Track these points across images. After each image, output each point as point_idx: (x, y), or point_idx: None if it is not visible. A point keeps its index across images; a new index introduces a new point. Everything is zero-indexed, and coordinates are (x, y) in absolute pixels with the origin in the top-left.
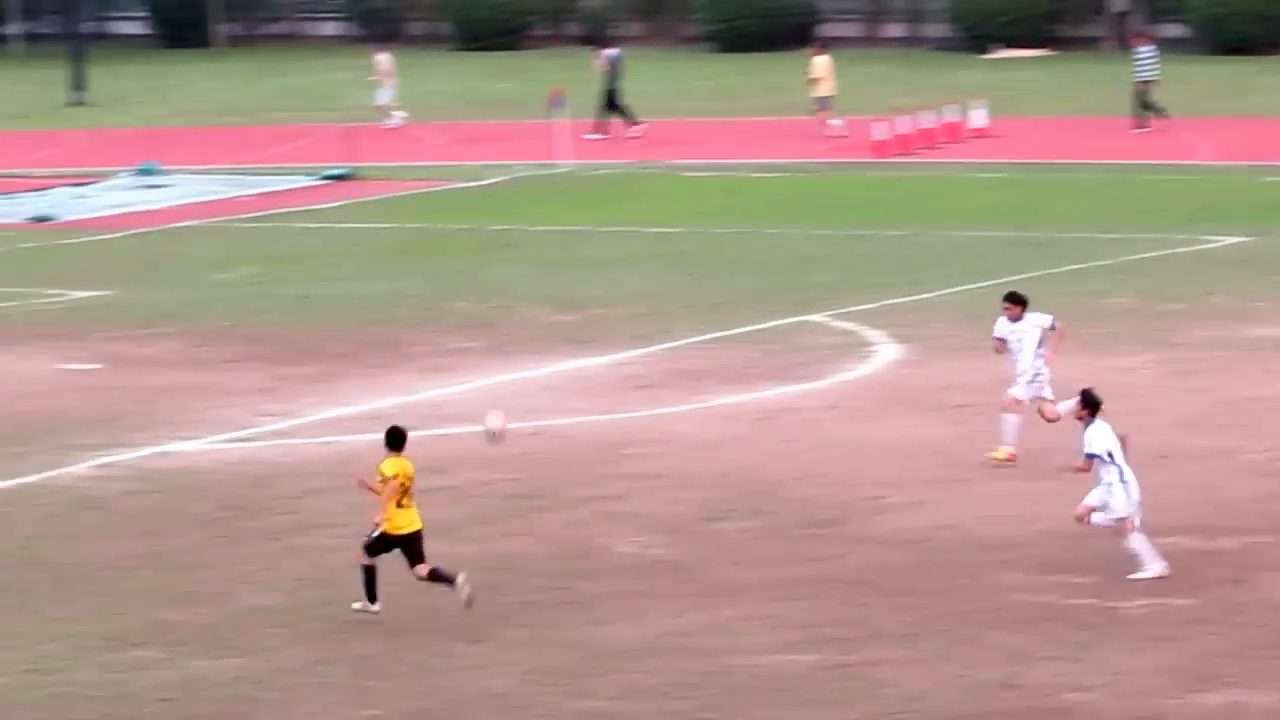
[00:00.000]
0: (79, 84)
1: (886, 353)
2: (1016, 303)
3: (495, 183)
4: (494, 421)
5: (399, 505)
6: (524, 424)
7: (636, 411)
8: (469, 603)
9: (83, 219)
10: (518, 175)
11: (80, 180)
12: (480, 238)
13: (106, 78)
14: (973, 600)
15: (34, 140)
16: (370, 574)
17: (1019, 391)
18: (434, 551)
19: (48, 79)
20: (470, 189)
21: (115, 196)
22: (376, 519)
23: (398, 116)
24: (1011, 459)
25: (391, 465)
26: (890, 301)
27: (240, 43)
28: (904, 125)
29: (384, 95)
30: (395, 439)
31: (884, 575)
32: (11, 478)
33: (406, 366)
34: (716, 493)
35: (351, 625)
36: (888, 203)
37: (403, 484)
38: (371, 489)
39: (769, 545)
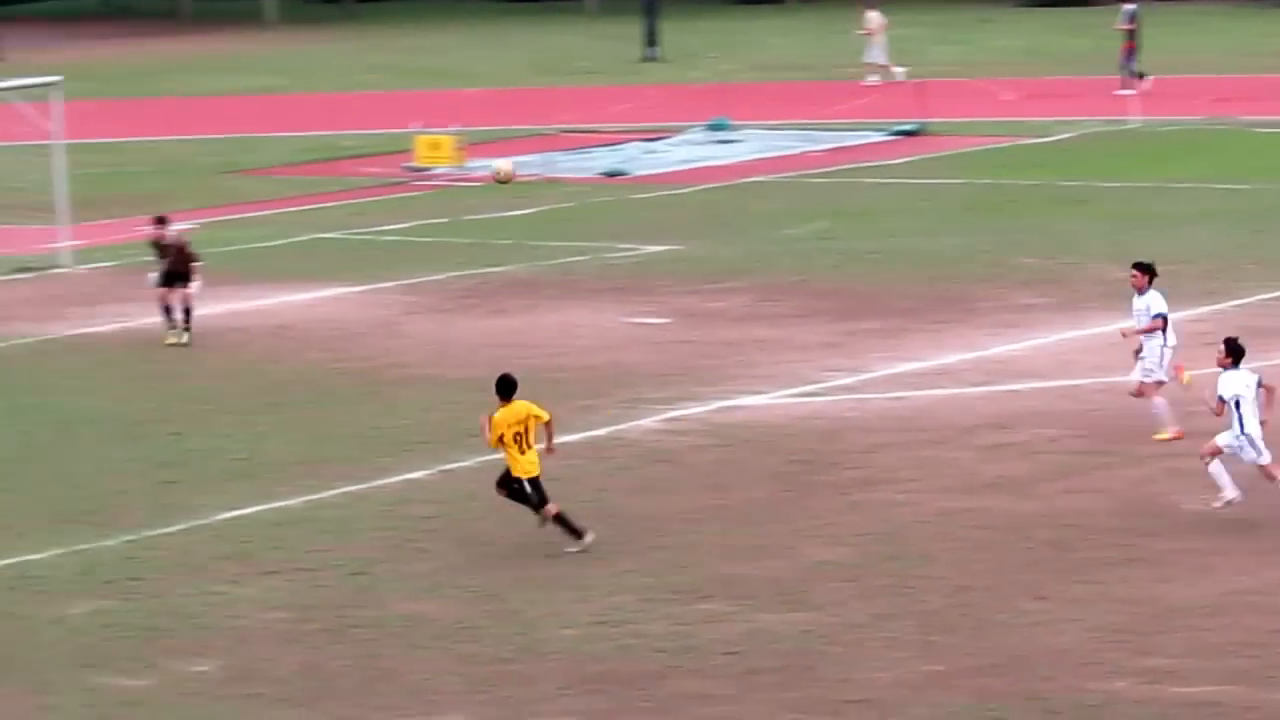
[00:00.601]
0: (652, 40)
1: None
2: (1144, 272)
3: (1064, 138)
4: (501, 164)
5: (521, 452)
6: (1092, 380)
7: (1204, 369)
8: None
9: (654, 174)
10: (1086, 131)
11: (652, 135)
12: (1049, 193)
13: (679, 33)
14: None
15: (608, 95)
16: (561, 519)
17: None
18: (1001, 508)
19: (622, 35)
20: (1039, 144)
21: (686, 151)
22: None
23: (897, 72)
24: (1179, 436)
25: (506, 415)
26: None
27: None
28: None
29: (873, 52)
30: (505, 386)
31: None
32: (581, 431)
33: (974, 322)
34: None
35: (917, 580)
36: None
37: (516, 430)
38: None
39: None
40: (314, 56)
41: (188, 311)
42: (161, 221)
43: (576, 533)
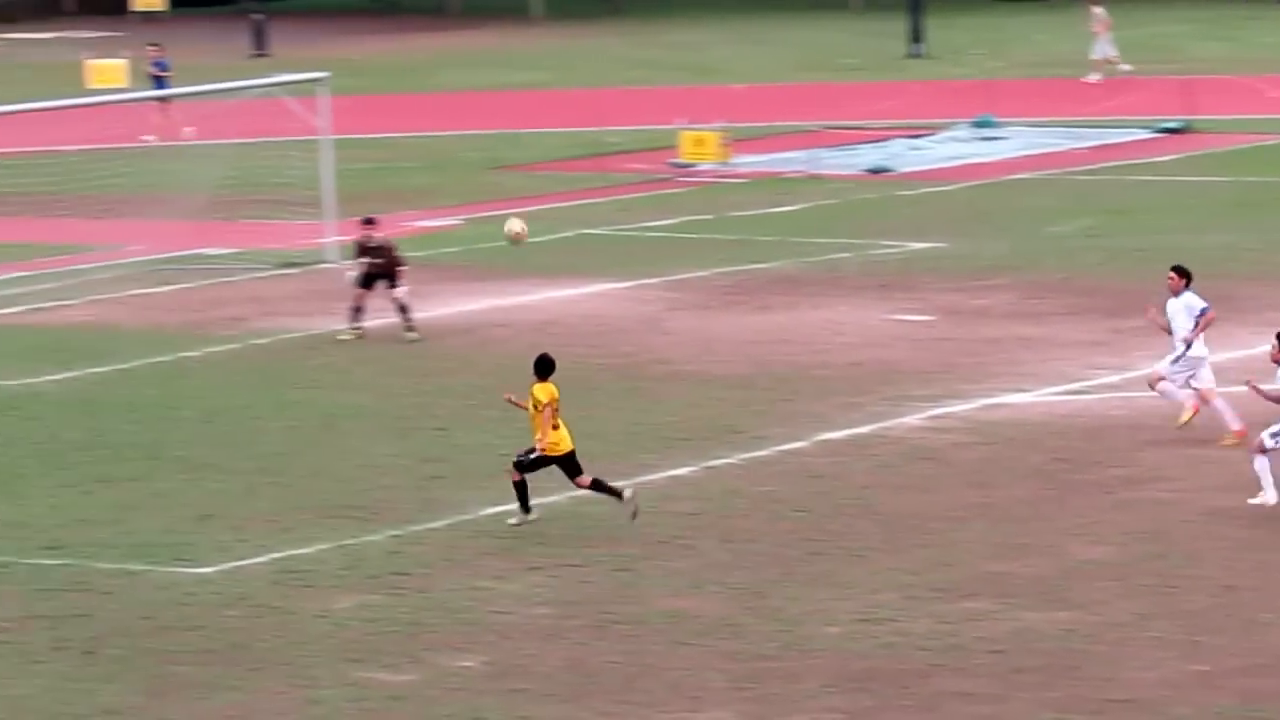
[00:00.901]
0: (917, 36)
1: None
2: (1180, 275)
3: None
4: (512, 224)
5: (554, 427)
6: None
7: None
8: (634, 515)
9: (919, 170)
10: None
11: (917, 132)
12: None
13: (943, 30)
14: None
15: (872, 92)
16: (521, 488)
17: (1162, 367)
18: (1269, 506)
19: (886, 31)
20: None
21: (951, 148)
22: (537, 444)
23: (1122, 69)
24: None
25: (544, 391)
26: None
27: None
28: None
29: (1101, 48)
30: (544, 366)
31: None
32: (846, 428)
33: (1240, 320)
34: None
35: (1182, 579)
36: None
37: (554, 408)
38: (518, 405)
39: None
40: (579, 52)
41: (404, 309)
42: (370, 223)
43: (614, 492)
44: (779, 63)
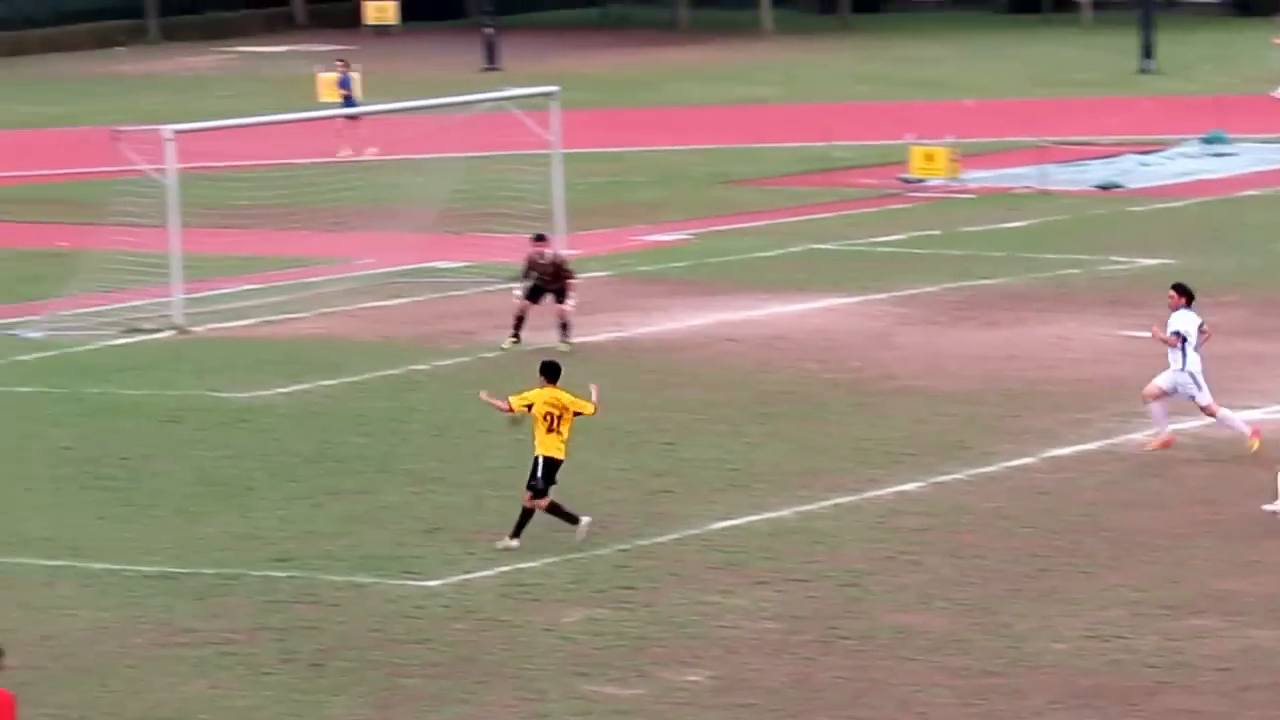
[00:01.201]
0: (1148, 51)
1: None
2: (1180, 293)
3: None
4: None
5: (548, 431)
6: None
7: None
8: (581, 540)
9: (1149, 186)
10: None
11: (1148, 148)
12: None
13: (1175, 45)
14: None
15: (1103, 107)
16: (529, 514)
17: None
18: None
19: (1117, 46)
20: None
21: (1182, 164)
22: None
23: None
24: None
25: (539, 396)
26: None
27: None
28: None
29: None
30: (549, 370)
31: None
32: (1074, 444)
33: None
34: None
35: None
36: None
37: (549, 413)
38: (496, 405)
39: None
40: (809, 66)
41: (565, 326)
42: (541, 240)
43: (571, 518)
44: (1010, 77)
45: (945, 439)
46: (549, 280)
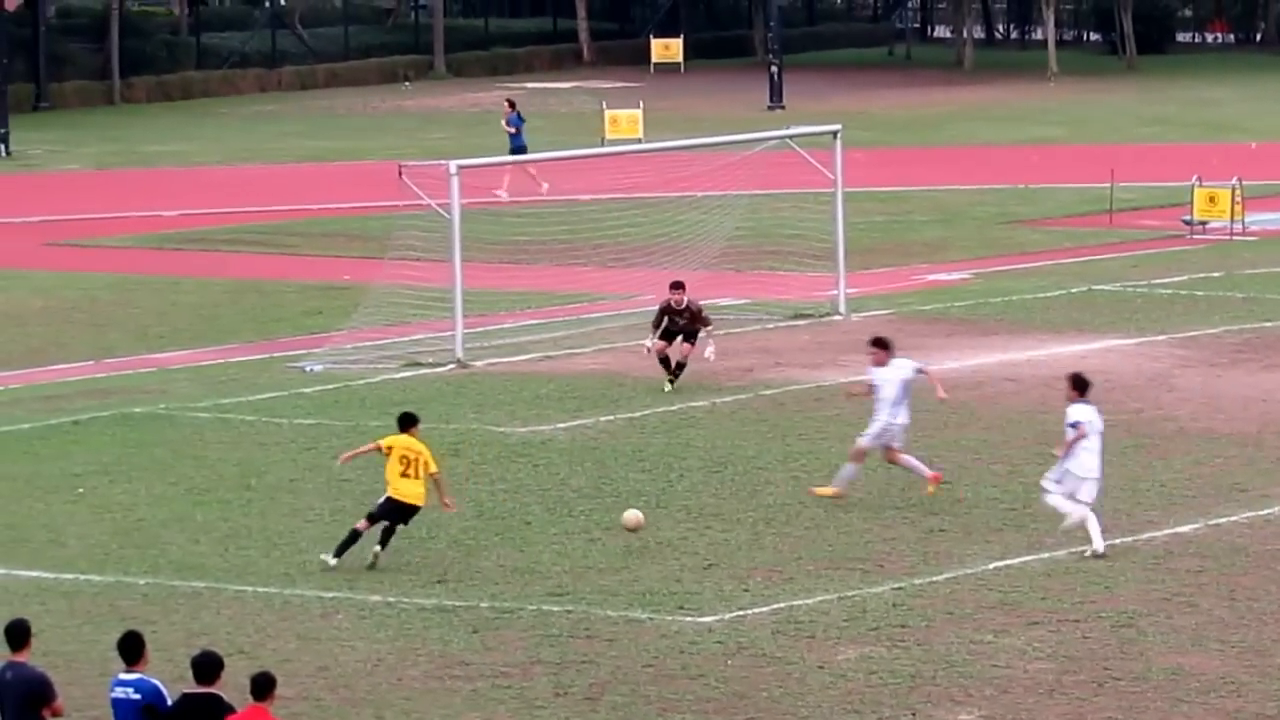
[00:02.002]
0: None
1: None
2: (880, 347)
3: None
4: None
5: (403, 475)
6: None
7: None
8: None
9: None
10: None
11: None
12: None
13: None
14: None
15: None
16: (355, 536)
17: (865, 441)
18: None
19: None
20: None
21: None
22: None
23: None
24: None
25: (397, 441)
26: None
27: None
28: None
29: None
30: (405, 421)
31: None
32: None
33: None
34: None
35: None
36: None
37: (405, 457)
38: (356, 454)
39: None
40: (1093, 107)
41: (681, 365)
42: (678, 287)
43: (342, 549)
44: None
45: (1222, 481)
46: (684, 323)
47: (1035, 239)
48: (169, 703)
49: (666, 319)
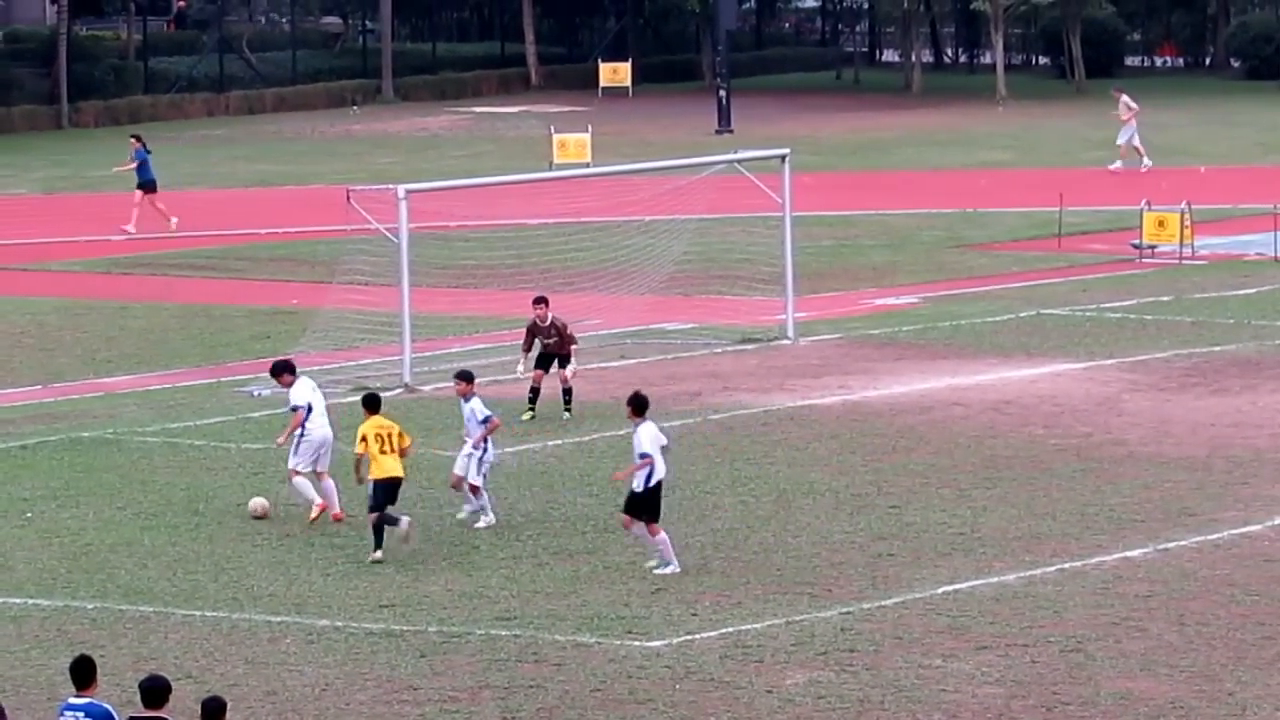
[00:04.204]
0: None
1: None
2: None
3: None
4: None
5: (381, 452)
6: None
7: None
8: (406, 538)
9: None
10: None
11: None
12: None
13: None
14: None
15: None
16: (379, 526)
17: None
18: None
19: None
20: None
21: None
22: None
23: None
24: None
25: (368, 426)
26: None
27: None
28: None
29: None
30: (370, 403)
31: None
32: None
33: None
34: None
35: None
36: None
37: (379, 435)
38: (358, 469)
39: None
40: (1041, 131)
41: (568, 393)
42: (542, 302)
43: (393, 520)
44: (1244, 144)
45: (1172, 505)
46: (553, 346)
47: (984, 263)
48: None
49: (537, 340)
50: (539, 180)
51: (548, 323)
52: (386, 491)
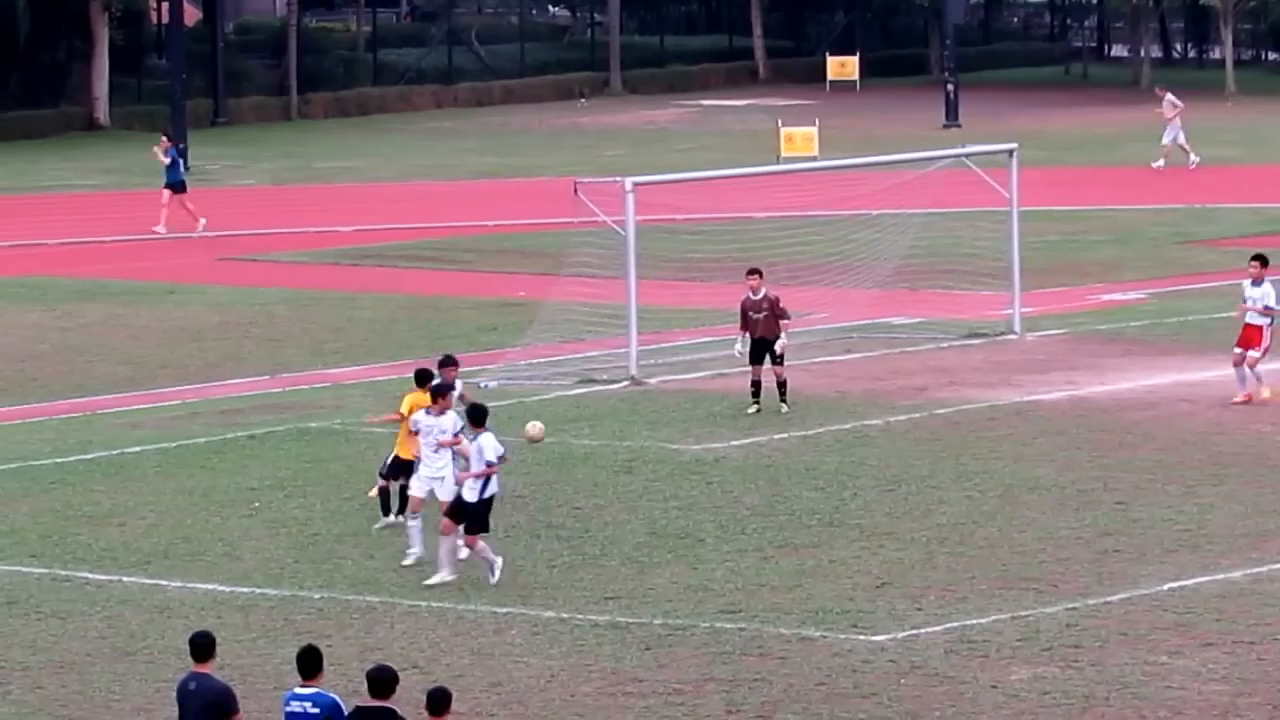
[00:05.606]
0: None
1: None
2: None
3: None
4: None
5: (411, 434)
6: None
7: None
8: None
9: None
10: None
11: None
12: None
13: None
14: None
15: None
16: (385, 494)
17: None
18: None
19: None
20: None
21: None
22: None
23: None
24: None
25: (409, 400)
26: None
27: None
28: None
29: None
30: (422, 379)
31: None
32: None
33: None
34: None
35: None
36: None
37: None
38: (388, 419)
39: None
40: (1271, 127)
41: (782, 385)
42: (755, 273)
43: (386, 510)
44: None
45: None
46: (764, 323)
47: (1212, 259)
48: (345, 716)
49: (750, 313)
50: (766, 173)
51: (759, 295)
52: (401, 468)
